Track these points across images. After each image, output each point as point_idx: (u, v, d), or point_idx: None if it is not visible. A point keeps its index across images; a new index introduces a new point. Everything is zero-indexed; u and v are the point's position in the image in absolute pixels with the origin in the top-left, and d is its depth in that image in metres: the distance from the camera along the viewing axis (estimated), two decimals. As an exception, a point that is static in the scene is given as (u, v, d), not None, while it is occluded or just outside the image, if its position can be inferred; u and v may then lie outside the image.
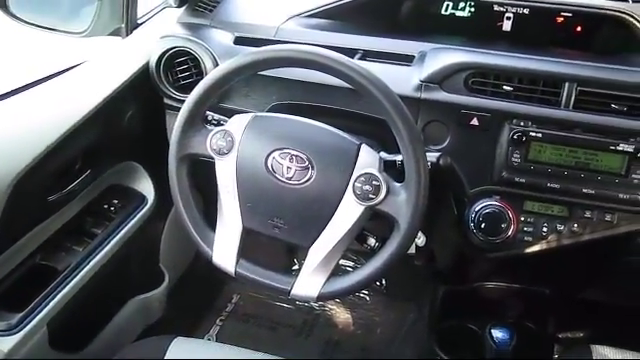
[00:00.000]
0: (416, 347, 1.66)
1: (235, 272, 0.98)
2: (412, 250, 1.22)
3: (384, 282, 1.81)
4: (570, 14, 1.23)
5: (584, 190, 1.06)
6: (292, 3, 1.31)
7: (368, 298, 1.83)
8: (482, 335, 1.15)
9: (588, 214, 1.08)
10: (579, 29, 1.24)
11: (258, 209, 0.96)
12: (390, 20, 1.31)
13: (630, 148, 1.03)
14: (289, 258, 1.81)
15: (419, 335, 1.67)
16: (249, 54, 0.95)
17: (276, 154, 0.94)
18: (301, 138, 0.95)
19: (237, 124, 0.97)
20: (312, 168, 0.93)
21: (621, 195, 1.05)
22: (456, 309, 1.55)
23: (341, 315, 1.80)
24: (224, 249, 0.98)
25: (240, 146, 0.96)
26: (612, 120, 1.03)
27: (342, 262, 1.66)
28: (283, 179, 0.94)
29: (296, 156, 0.93)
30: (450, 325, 1.54)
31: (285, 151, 0.94)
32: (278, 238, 0.96)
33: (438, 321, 1.56)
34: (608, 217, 1.08)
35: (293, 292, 0.95)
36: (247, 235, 0.98)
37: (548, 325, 1.55)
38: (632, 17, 1.13)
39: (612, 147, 1.03)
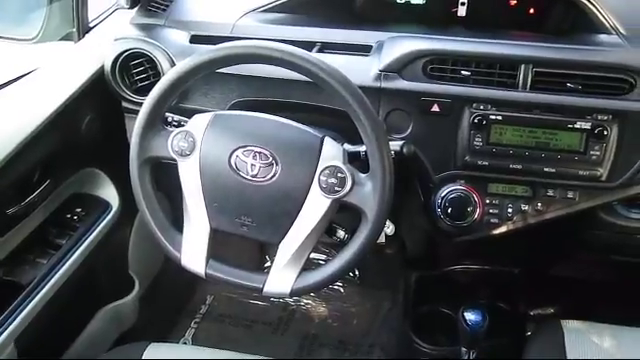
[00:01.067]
0: (393, 334, 1.67)
1: (205, 273, 0.97)
2: (382, 239, 1.23)
3: (357, 273, 1.82)
4: (523, -4, 1.25)
5: (545, 169, 1.08)
6: (246, -1, 1.30)
7: (342, 290, 1.83)
8: (456, 318, 1.16)
9: (551, 192, 1.10)
10: (532, 11, 1.26)
11: (224, 208, 0.95)
12: (346, 11, 1.31)
13: (587, 125, 1.05)
14: (261, 255, 1.81)
15: (395, 323, 1.69)
16: (205, 52, 0.94)
17: (239, 152, 0.93)
18: (264, 134, 0.94)
19: (198, 124, 0.96)
20: (276, 164, 0.92)
21: (581, 172, 1.07)
22: (429, 294, 1.57)
23: (317, 309, 1.80)
24: (193, 251, 0.97)
25: (202, 146, 0.95)
26: (568, 99, 1.05)
27: (315, 255, 1.68)
28: (248, 177, 0.93)
29: (260, 153, 0.92)
30: (424, 310, 1.55)
31: (248, 148, 0.93)
32: (247, 236, 0.96)
33: (412, 307, 1.57)
34: (570, 194, 1.10)
35: (266, 289, 0.95)
36: (215, 235, 0.97)
37: (519, 303, 1.58)
38: (583, -3, 1.16)
39: (570, 125, 1.05)
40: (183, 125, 0.99)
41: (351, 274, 1.81)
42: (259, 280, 0.95)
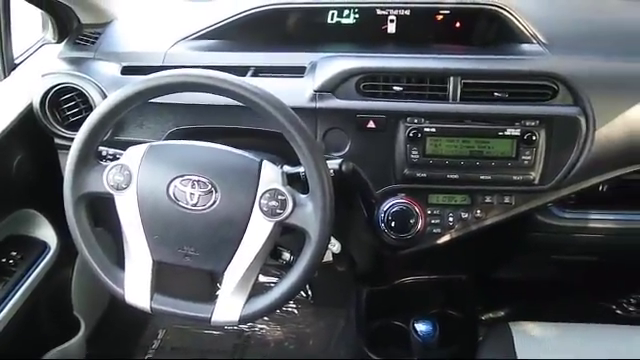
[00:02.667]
0: (349, 352, 1.67)
1: (151, 308, 0.95)
2: (329, 258, 1.23)
3: (310, 293, 1.81)
4: (448, 11, 1.29)
5: (481, 177, 1.11)
6: (178, 27, 1.29)
7: (297, 311, 1.82)
8: (408, 330, 1.17)
9: (488, 199, 1.14)
10: (458, 25, 1.30)
11: (166, 240, 0.93)
12: (279, 33, 1.32)
13: (517, 132, 1.08)
14: (212, 283, 1.78)
15: (351, 340, 1.69)
16: (137, 83, 0.93)
17: (177, 182, 0.92)
18: (201, 162, 0.93)
19: (133, 156, 0.95)
20: (216, 191, 0.91)
21: (515, 177, 1.10)
22: (381, 308, 1.58)
23: (272, 333, 1.78)
24: (136, 286, 0.95)
25: (139, 178, 0.93)
26: (497, 108, 1.08)
27: (266, 279, 1.67)
28: (188, 206, 0.92)
29: (198, 181, 0.92)
30: (377, 325, 1.56)
31: (186, 177, 0.92)
32: (191, 267, 0.94)
33: (365, 323, 1.58)
34: (507, 199, 1.13)
35: (214, 319, 0.93)
36: (160, 267, 0.95)
37: (470, 309, 1.61)
38: (503, 9, 1.20)
39: (500, 133, 1.09)
40: (118, 158, 0.97)
41: (304, 294, 1.80)
42: (207, 310, 0.94)
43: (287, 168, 0.98)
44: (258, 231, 0.91)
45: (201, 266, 0.94)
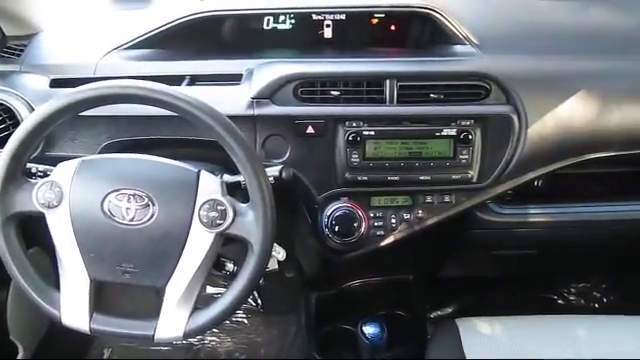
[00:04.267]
0: (301, 358, 1.66)
1: (90, 329, 0.92)
2: (274, 266, 1.22)
3: (260, 301, 1.79)
4: (383, 15, 1.30)
5: (421, 177, 1.12)
6: (109, 37, 1.25)
7: (246, 321, 1.80)
8: (357, 333, 1.18)
9: (429, 199, 1.15)
10: (393, 28, 1.32)
11: (103, 258, 0.90)
12: (214, 41, 1.30)
13: (453, 132, 1.10)
14: (157, 299, 1.74)
15: (303, 346, 1.68)
16: (66, 95, 0.89)
17: (112, 197, 0.89)
18: (136, 175, 0.91)
19: (64, 172, 0.91)
20: (153, 204, 0.89)
21: (454, 176, 1.12)
22: (330, 313, 1.57)
23: (222, 344, 1.76)
24: (73, 307, 0.91)
25: (71, 195, 0.90)
26: (433, 109, 1.10)
27: (214, 290, 1.64)
28: (124, 222, 0.89)
29: (134, 195, 0.89)
30: (327, 330, 1.56)
31: (121, 192, 0.89)
32: (131, 283, 0.91)
33: (315, 328, 1.57)
34: (447, 198, 1.15)
35: (157, 336, 0.91)
36: (98, 287, 0.92)
37: (417, 309, 1.63)
38: (435, 12, 1.22)
39: (437, 133, 1.10)
40: (49, 175, 0.93)
41: (253, 303, 1.78)
42: (149, 327, 0.91)
43: (227, 177, 0.97)
44: (199, 243, 0.89)
45: (141, 282, 0.91)
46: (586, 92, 1.13)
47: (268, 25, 1.32)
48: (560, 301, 1.82)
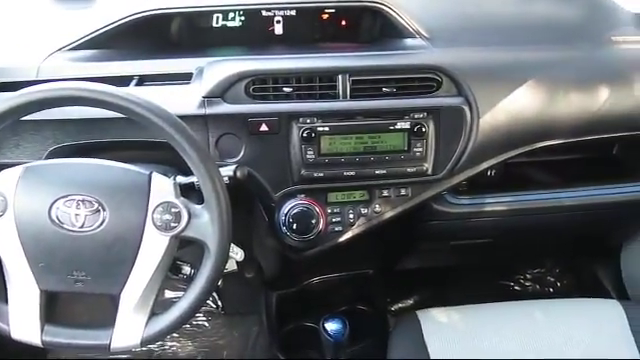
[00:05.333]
0: (264, 358, 1.65)
1: (42, 341, 0.88)
2: (233, 267, 1.21)
3: (220, 303, 1.77)
4: (333, 10, 1.29)
5: (377, 172, 1.12)
6: (51, 38, 1.20)
7: (207, 324, 1.77)
8: (319, 330, 1.17)
9: (386, 193, 1.15)
10: (344, 23, 1.32)
11: (52, 267, 0.87)
12: (163, 40, 1.27)
13: (406, 125, 1.11)
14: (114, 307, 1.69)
15: (265, 346, 1.67)
16: (6, 100, 0.86)
17: (60, 203, 0.86)
18: (84, 180, 0.88)
19: (7, 180, 0.87)
20: (103, 210, 0.86)
21: (409, 169, 1.13)
22: (292, 311, 1.57)
23: (184, 349, 1.73)
24: (23, 320, 0.88)
25: (15, 204, 0.86)
26: (385, 102, 1.10)
27: (173, 294, 1.61)
28: (74, 229, 0.86)
29: (83, 201, 0.86)
30: (289, 328, 1.55)
31: (69, 198, 0.86)
32: (84, 292, 0.89)
33: (277, 327, 1.56)
34: (403, 191, 1.16)
35: (113, 345, 0.89)
36: (49, 297, 0.89)
37: (378, 303, 1.64)
38: (385, 6, 1.22)
39: (391, 127, 1.11)
40: None
41: (214, 305, 1.76)
42: (105, 336, 0.89)
43: (180, 179, 0.95)
44: (153, 247, 0.87)
45: (95, 290, 0.89)
46: (534, 82, 1.16)
47: (217, 23, 1.30)
48: (517, 287, 1.86)
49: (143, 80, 1.13)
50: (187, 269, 0.99)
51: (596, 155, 1.43)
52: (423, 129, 1.11)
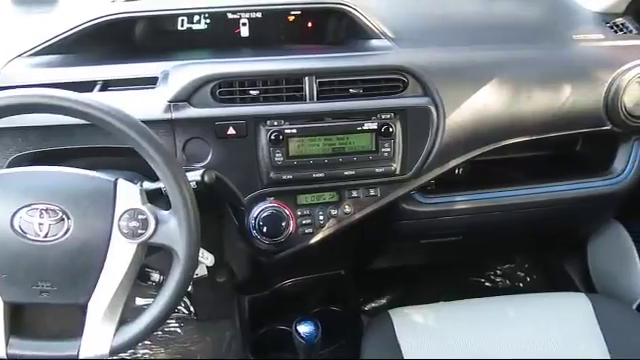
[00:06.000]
0: (238, 362, 1.64)
1: (7, 354, 0.86)
2: (203, 272, 1.20)
3: (192, 309, 1.75)
4: (299, 12, 1.29)
5: (346, 173, 1.12)
6: (11, 43, 1.18)
7: (180, 330, 1.75)
8: (292, 333, 1.17)
9: (355, 193, 1.16)
10: (310, 24, 1.32)
11: (16, 278, 0.85)
12: (127, 44, 1.25)
13: (374, 125, 1.11)
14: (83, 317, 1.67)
15: (238, 351, 1.66)
16: None
17: (22, 213, 0.84)
18: (48, 188, 0.86)
19: None
20: (68, 218, 0.85)
21: (377, 169, 1.13)
22: (264, 314, 1.56)
23: (156, 356, 1.70)
24: (-13, 333, 0.86)
25: None
26: (353, 104, 1.11)
27: (144, 302, 1.59)
28: (38, 238, 0.85)
29: (46, 210, 0.85)
30: (262, 332, 1.54)
31: (33, 207, 0.85)
32: (50, 303, 0.87)
33: (250, 331, 1.55)
34: (372, 192, 1.16)
35: (82, 355, 0.87)
36: (13, 309, 0.87)
37: (351, 303, 1.64)
38: (350, 7, 1.22)
39: (359, 128, 1.11)
40: None
41: (185, 311, 1.74)
42: (73, 347, 0.87)
43: (147, 185, 0.93)
44: (120, 255, 0.86)
45: (61, 301, 0.87)
46: (499, 81, 1.18)
47: (183, 26, 1.29)
48: (487, 284, 1.88)
49: (107, 85, 1.11)
50: (156, 276, 0.99)
51: (561, 152, 1.46)
52: (390, 129, 1.11)
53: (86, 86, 1.08)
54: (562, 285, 1.75)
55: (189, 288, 1.12)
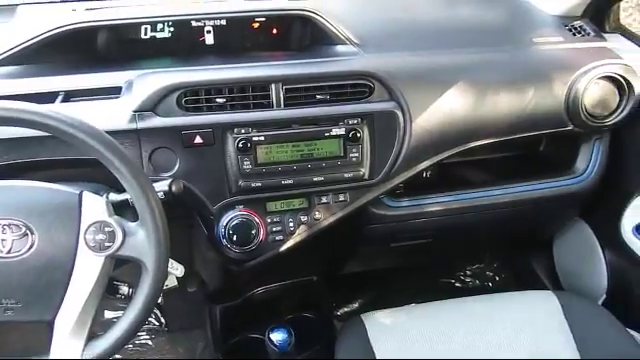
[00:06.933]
0: (212, 373, 1.62)
1: None
2: (174, 283, 1.18)
3: (163, 320, 1.73)
4: (264, 19, 1.29)
5: (314, 179, 1.12)
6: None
7: (151, 342, 1.73)
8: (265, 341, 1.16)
9: (324, 199, 1.16)
10: (275, 31, 1.31)
11: None
12: (89, 53, 1.23)
13: (342, 131, 1.12)
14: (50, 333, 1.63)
15: (212, 360, 1.64)
16: None
17: None
18: (10, 204, 0.84)
19: None
20: (32, 233, 0.83)
21: (346, 175, 1.14)
22: (237, 323, 1.55)
23: (127, 370, 1.68)
24: (-51, 354, 0.83)
25: None
26: (320, 110, 1.11)
27: (113, 314, 1.56)
28: (1, 255, 0.82)
29: (9, 225, 0.83)
30: (235, 341, 1.53)
31: None
32: (15, 321, 0.85)
33: (223, 341, 1.54)
34: (342, 197, 1.16)
35: (49, 373, 0.85)
36: None
37: (324, 309, 1.64)
38: (315, 14, 1.23)
39: (327, 134, 1.11)
40: None
41: (157, 322, 1.72)
42: None
43: (113, 196, 0.92)
44: (87, 269, 0.84)
45: (27, 318, 0.85)
46: (463, 84, 1.19)
47: (146, 34, 1.28)
48: (458, 284, 1.91)
49: (70, 96, 1.09)
50: (125, 289, 0.97)
51: (525, 153, 1.49)
52: (358, 134, 1.12)
53: (48, 97, 1.06)
54: (530, 283, 1.78)
55: (159, 299, 1.11)
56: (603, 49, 1.31)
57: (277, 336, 1.12)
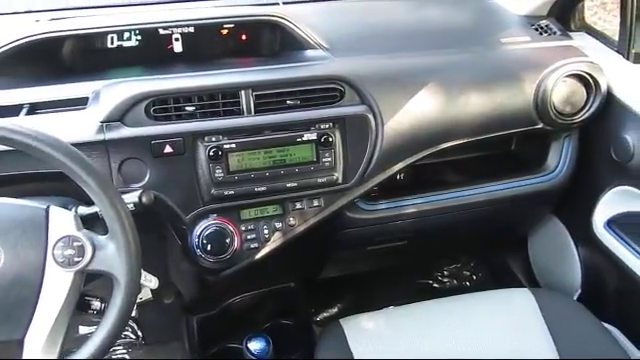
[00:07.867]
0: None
1: None
2: (148, 295, 1.16)
3: (139, 333, 1.70)
4: (232, 25, 1.28)
5: (288, 185, 1.12)
6: None
7: (127, 356, 1.69)
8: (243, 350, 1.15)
9: (299, 205, 1.15)
10: (244, 37, 1.31)
11: None
12: (54, 64, 1.21)
13: (313, 136, 1.11)
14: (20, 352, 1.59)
15: (191, 372, 1.62)
16: None
17: None
18: None
19: None
20: None
21: (319, 180, 1.13)
22: (215, 333, 1.53)
23: (104, 385, 1.64)
24: None
25: None
26: (290, 115, 1.10)
27: (88, 330, 1.53)
28: None
29: None
30: (213, 352, 1.51)
31: None
32: None
33: (201, 352, 1.52)
34: (316, 202, 1.16)
35: (21, 393, 0.82)
36: None
37: (302, 315, 1.63)
38: (283, 19, 1.22)
39: (299, 139, 1.11)
40: None
41: (133, 336, 1.69)
42: None
43: (82, 210, 0.90)
44: (56, 285, 0.82)
45: None
46: (433, 86, 1.20)
47: (113, 43, 1.26)
48: (435, 285, 1.91)
49: (35, 108, 1.07)
50: (97, 304, 0.95)
51: (497, 152, 1.50)
52: (330, 139, 1.12)
53: (11, 110, 1.04)
54: (506, 281, 1.79)
55: (134, 312, 1.08)
56: (569, 47, 1.33)
57: (255, 345, 1.11)
